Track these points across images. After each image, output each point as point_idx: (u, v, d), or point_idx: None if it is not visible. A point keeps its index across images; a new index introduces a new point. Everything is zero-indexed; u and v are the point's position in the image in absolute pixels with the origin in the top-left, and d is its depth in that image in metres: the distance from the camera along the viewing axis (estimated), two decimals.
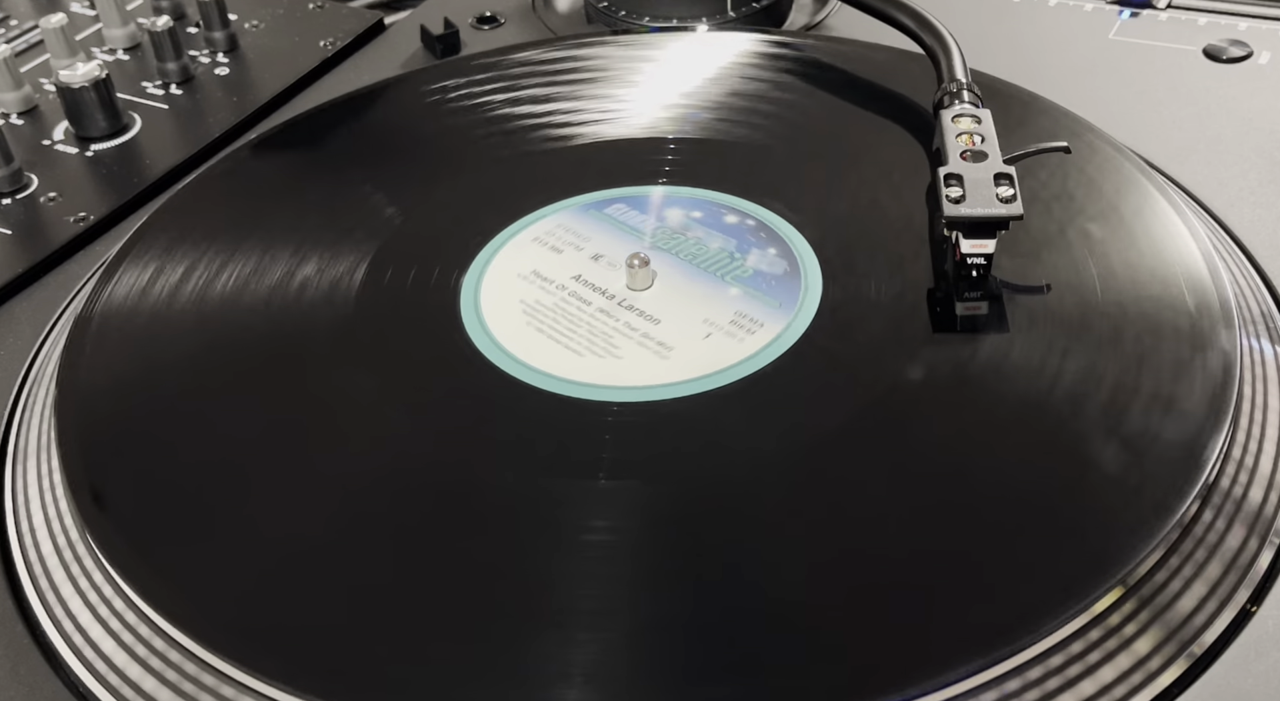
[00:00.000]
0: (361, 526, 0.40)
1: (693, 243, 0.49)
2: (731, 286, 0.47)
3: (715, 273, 0.47)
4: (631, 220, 0.50)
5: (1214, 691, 0.36)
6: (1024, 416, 0.41)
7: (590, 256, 0.49)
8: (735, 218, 0.50)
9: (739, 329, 0.45)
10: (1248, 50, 0.62)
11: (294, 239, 0.51)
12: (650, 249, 0.49)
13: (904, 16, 0.57)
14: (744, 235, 0.49)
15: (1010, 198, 0.45)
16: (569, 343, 0.45)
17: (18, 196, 0.59)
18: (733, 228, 0.50)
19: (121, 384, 0.46)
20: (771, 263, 0.47)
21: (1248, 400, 0.42)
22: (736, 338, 0.45)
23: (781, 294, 0.46)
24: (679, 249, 0.49)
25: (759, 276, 0.47)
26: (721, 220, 0.50)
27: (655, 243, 0.49)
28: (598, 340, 0.45)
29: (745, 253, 0.48)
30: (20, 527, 0.44)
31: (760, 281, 0.47)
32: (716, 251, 0.48)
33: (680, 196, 0.52)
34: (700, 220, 0.50)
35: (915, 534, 0.38)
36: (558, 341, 0.45)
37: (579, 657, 0.36)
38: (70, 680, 0.39)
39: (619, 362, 0.44)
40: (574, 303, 0.47)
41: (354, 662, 0.36)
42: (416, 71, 0.65)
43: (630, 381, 0.43)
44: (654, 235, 0.50)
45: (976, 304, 0.45)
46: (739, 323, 0.45)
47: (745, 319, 0.45)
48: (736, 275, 0.47)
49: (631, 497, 0.40)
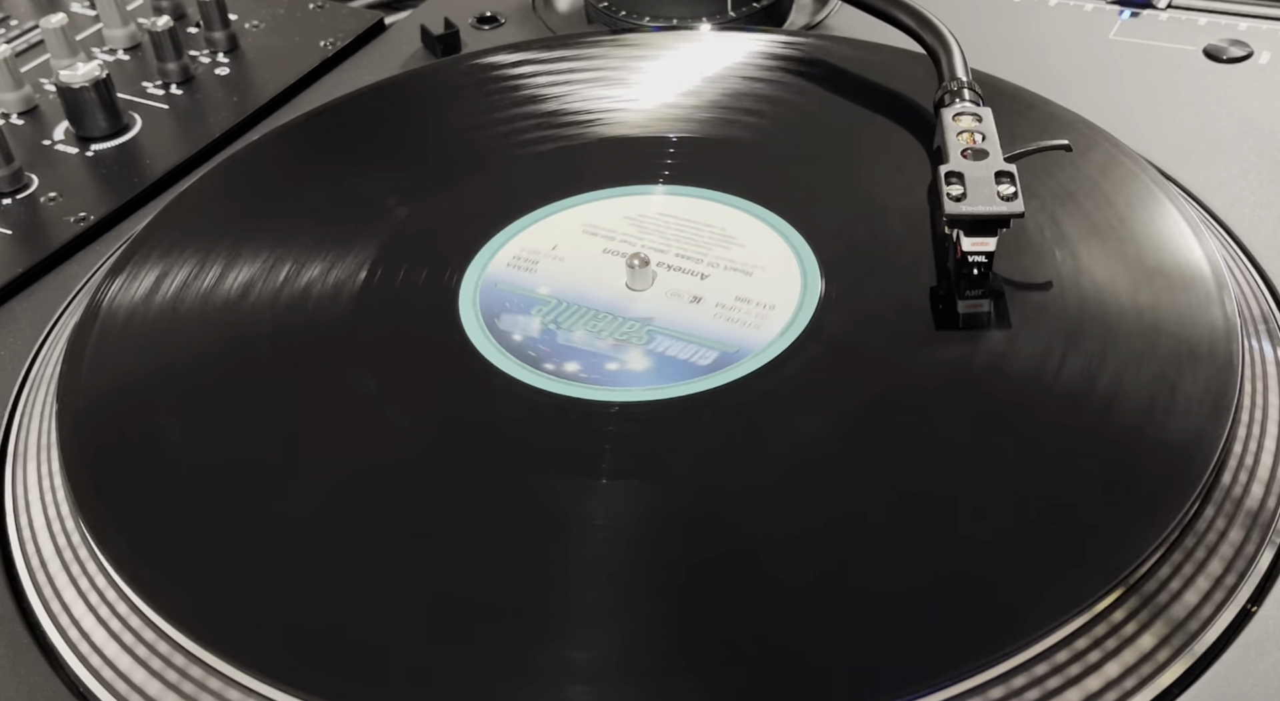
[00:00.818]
0: (361, 526, 0.40)
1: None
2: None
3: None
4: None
5: (1214, 691, 0.36)
6: (1025, 415, 0.41)
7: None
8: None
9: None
10: (1248, 50, 0.62)
11: (294, 239, 0.51)
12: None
13: (905, 16, 0.57)
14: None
15: (1011, 195, 0.45)
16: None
17: (18, 196, 0.59)
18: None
19: (122, 384, 0.46)
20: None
21: (1248, 400, 0.42)
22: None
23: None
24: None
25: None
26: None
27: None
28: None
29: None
30: (20, 527, 0.44)
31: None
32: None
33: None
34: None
35: (916, 533, 0.38)
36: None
37: (579, 657, 0.36)
38: (70, 680, 0.39)
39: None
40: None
41: (354, 662, 0.36)
42: (416, 71, 0.65)
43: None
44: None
45: (978, 302, 0.45)
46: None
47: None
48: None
49: (632, 497, 0.40)
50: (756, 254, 0.48)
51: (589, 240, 0.50)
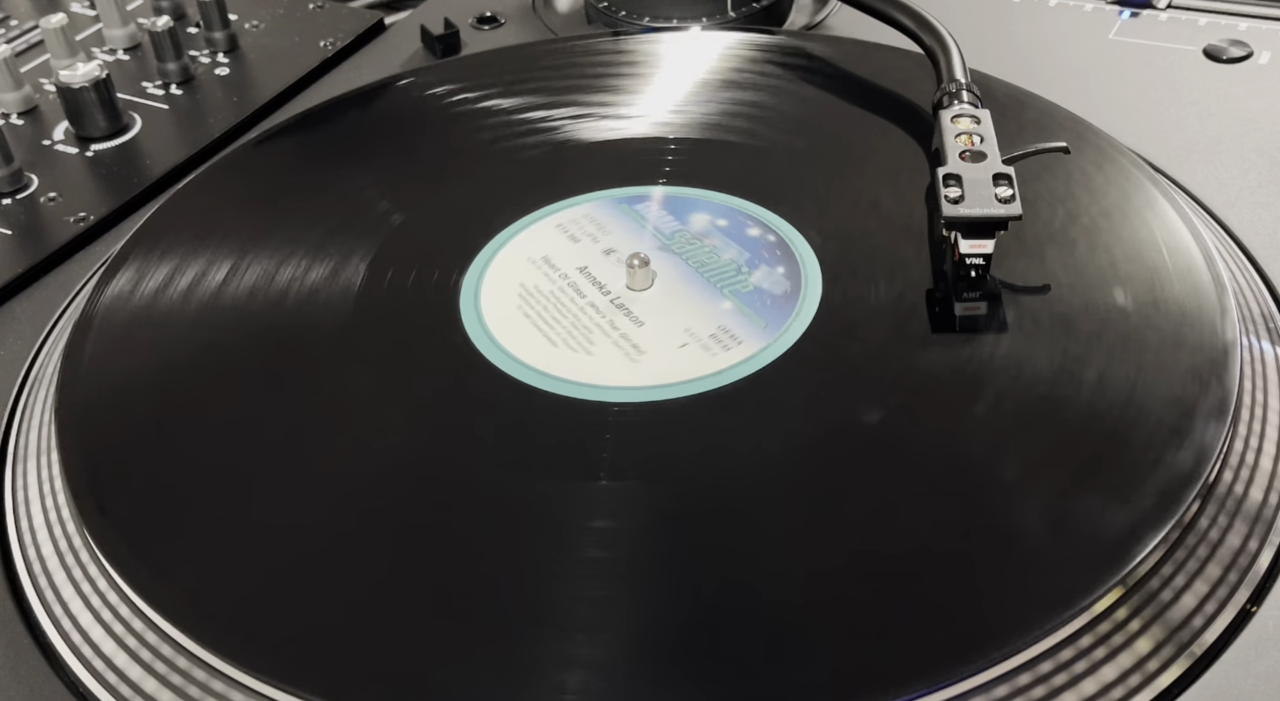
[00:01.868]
0: (361, 526, 0.40)
1: (707, 250, 0.49)
2: (726, 300, 0.47)
3: (715, 283, 0.47)
4: (657, 220, 0.50)
5: (1214, 691, 0.36)
6: (1023, 416, 0.41)
7: (603, 250, 0.49)
8: (758, 231, 0.50)
9: (716, 343, 0.45)
10: (1248, 50, 0.62)
11: (294, 239, 0.51)
12: (662, 250, 0.49)
13: (903, 16, 0.57)
14: (758, 250, 0.49)
15: (1009, 198, 0.45)
16: (548, 331, 0.46)
17: (18, 196, 0.59)
18: (751, 241, 0.49)
19: (122, 384, 0.46)
20: (775, 281, 0.47)
21: (1248, 400, 0.42)
22: (710, 352, 0.44)
23: (773, 315, 0.46)
24: (690, 254, 0.49)
25: (757, 293, 0.47)
26: (743, 232, 0.50)
27: (670, 244, 0.49)
28: (577, 333, 0.45)
29: (754, 267, 0.48)
30: (20, 527, 0.44)
31: (756, 299, 0.46)
32: (726, 263, 0.48)
33: (711, 202, 0.51)
34: (723, 229, 0.50)
35: (915, 533, 0.38)
36: (538, 328, 0.46)
37: (578, 657, 0.36)
38: (70, 680, 0.39)
39: (589, 359, 0.44)
40: (569, 293, 0.47)
41: (354, 662, 0.36)
42: (416, 71, 0.65)
43: (593, 380, 0.44)
44: (673, 237, 0.50)
45: (975, 304, 0.45)
46: (718, 337, 0.45)
47: (726, 334, 0.45)
48: (735, 289, 0.47)
49: (632, 497, 0.40)
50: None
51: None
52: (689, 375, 0.44)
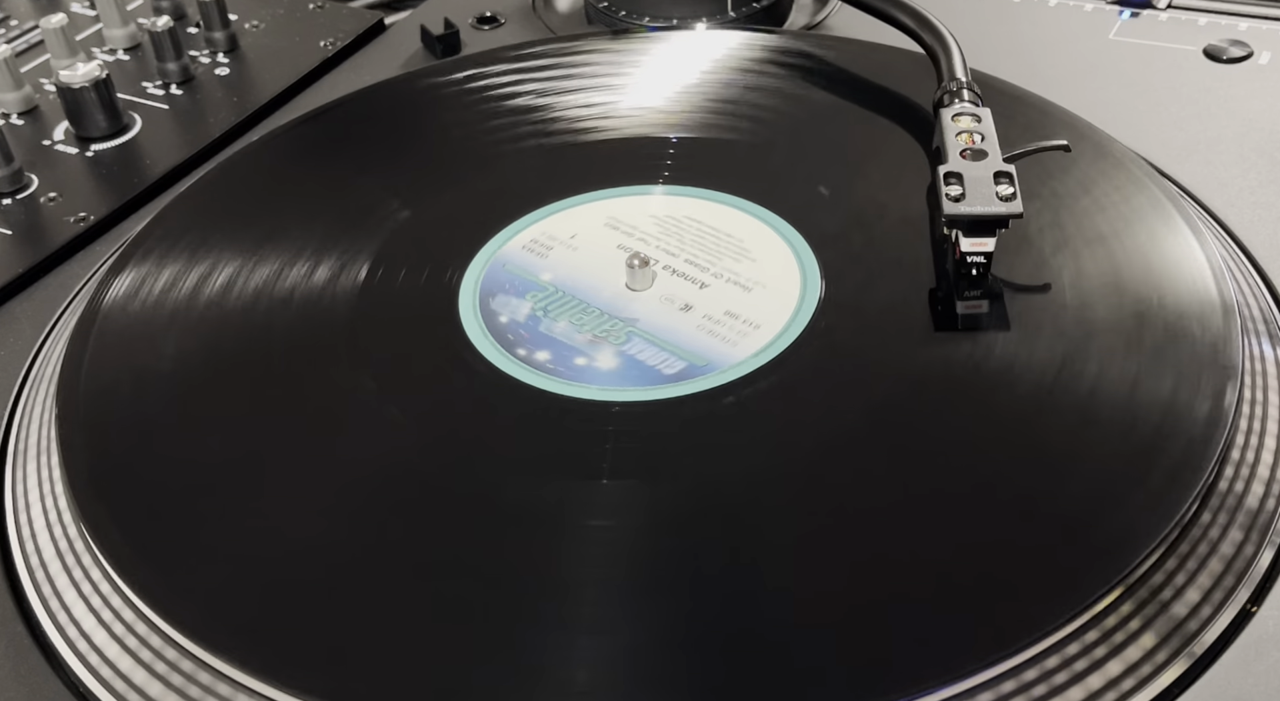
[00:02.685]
0: (362, 526, 0.40)
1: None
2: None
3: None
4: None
5: (1214, 691, 0.36)
6: (1024, 415, 0.41)
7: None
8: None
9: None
10: (1248, 50, 0.62)
11: (294, 239, 0.51)
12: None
13: (904, 16, 0.57)
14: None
15: (1010, 196, 0.45)
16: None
17: (18, 196, 0.59)
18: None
19: (122, 384, 0.46)
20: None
21: (1248, 400, 0.42)
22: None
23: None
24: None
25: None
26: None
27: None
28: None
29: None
30: (20, 527, 0.44)
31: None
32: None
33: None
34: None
35: (915, 533, 0.38)
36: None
37: (579, 657, 0.36)
38: (70, 680, 0.39)
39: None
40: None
41: (354, 662, 0.36)
42: (416, 71, 0.65)
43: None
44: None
45: (977, 302, 0.45)
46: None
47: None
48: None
49: (632, 497, 0.40)
50: (764, 271, 0.48)
51: (608, 234, 0.50)
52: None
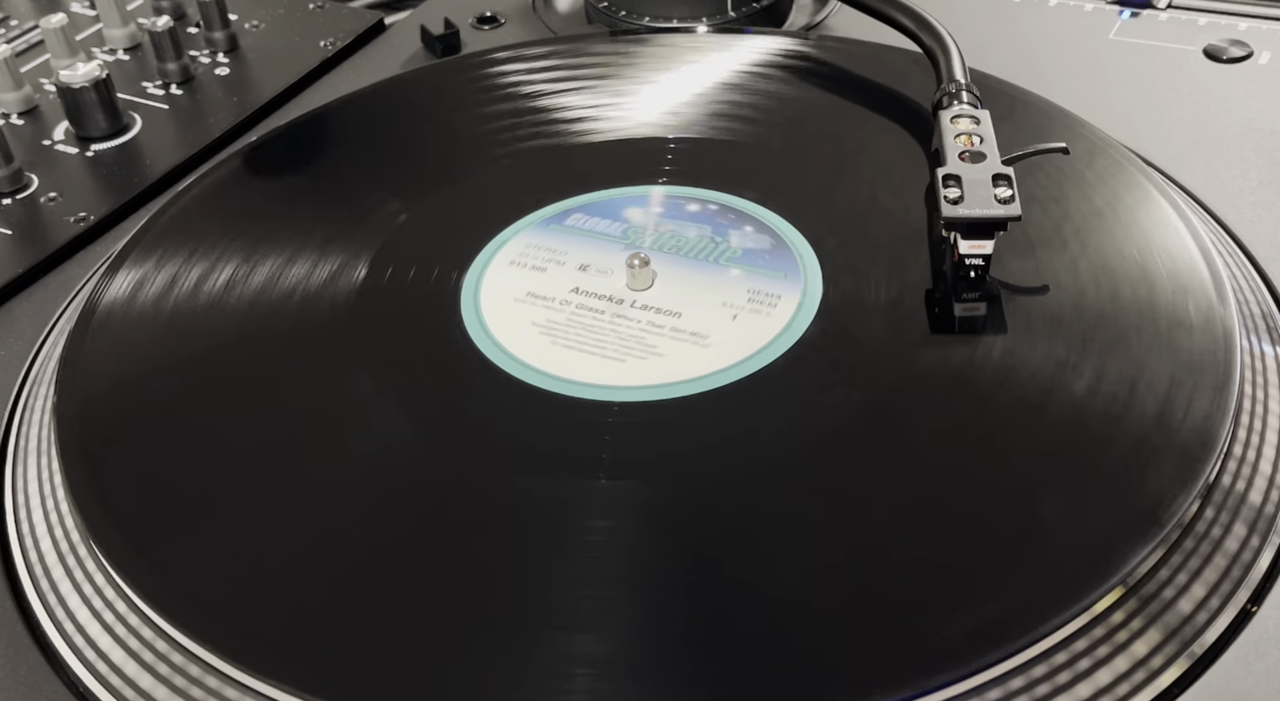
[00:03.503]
0: (362, 526, 0.40)
1: (670, 236, 0.49)
2: (730, 268, 0.47)
3: (708, 259, 0.47)
4: (596, 227, 0.50)
5: (1214, 691, 0.36)
6: (1023, 416, 0.41)
7: (577, 267, 0.49)
8: (697, 205, 0.50)
9: (760, 304, 0.45)
10: (1248, 50, 0.62)
11: (294, 239, 0.51)
12: (629, 251, 0.48)
13: (903, 17, 0.57)
14: (714, 219, 0.49)
15: (1008, 198, 0.45)
16: (603, 352, 0.45)
17: (18, 196, 0.59)
18: (700, 215, 0.49)
19: (122, 384, 0.46)
20: (755, 239, 0.47)
21: (1248, 400, 0.42)
22: (762, 313, 0.45)
23: (781, 265, 0.47)
24: (659, 244, 0.49)
25: (750, 254, 0.47)
26: (685, 210, 0.50)
27: (632, 243, 0.49)
28: (631, 344, 0.45)
29: (724, 235, 0.48)
30: (20, 527, 0.44)
31: (754, 258, 0.47)
32: (697, 239, 0.48)
33: (636, 195, 0.51)
34: (665, 214, 0.50)
35: (915, 534, 0.38)
36: (592, 354, 0.44)
37: (579, 657, 0.36)
38: (70, 680, 0.39)
39: (663, 360, 0.44)
40: (586, 314, 0.46)
41: (354, 662, 0.36)
42: (416, 71, 0.65)
43: (680, 375, 0.43)
44: (627, 236, 0.49)
45: (975, 305, 0.45)
46: (757, 299, 0.45)
47: (761, 293, 0.45)
48: (729, 257, 0.47)
49: (632, 497, 0.40)
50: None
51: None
52: (762, 340, 0.44)
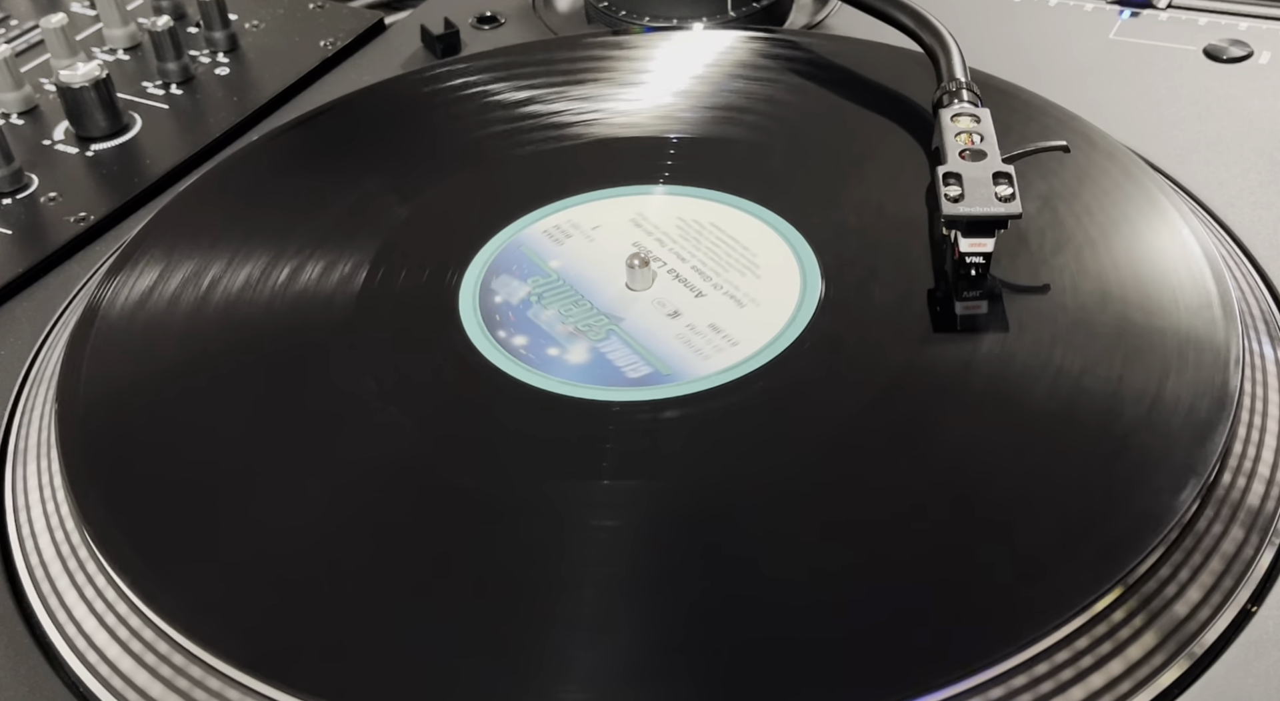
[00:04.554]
0: (362, 527, 0.40)
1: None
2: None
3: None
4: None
5: (1214, 691, 0.36)
6: (1023, 416, 0.41)
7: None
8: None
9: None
10: (1248, 50, 0.62)
11: (294, 239, 0.51)
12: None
13: (904, 16, 0.57)
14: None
15: (1009, 196, 0.45)
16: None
17: (18, 196, 0.59)
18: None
19: (122, 384, 0.46)
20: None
21: (1248, 400, 0.42)
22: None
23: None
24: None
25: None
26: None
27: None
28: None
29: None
30: (20, 527, 0.44)
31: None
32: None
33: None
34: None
35: (916, 533, 0.38)
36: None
37: (580, 657, 0.36)
38: (70, 680, 0.39)
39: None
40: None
41: (354, 663, 0.36)
42: (416, 71, 0.65)
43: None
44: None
45: (976, 303, 0.45)
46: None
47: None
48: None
49: (632, 497, 0.40)
50: (766, 289, 0.47)
51: (630, 231, 0.50)
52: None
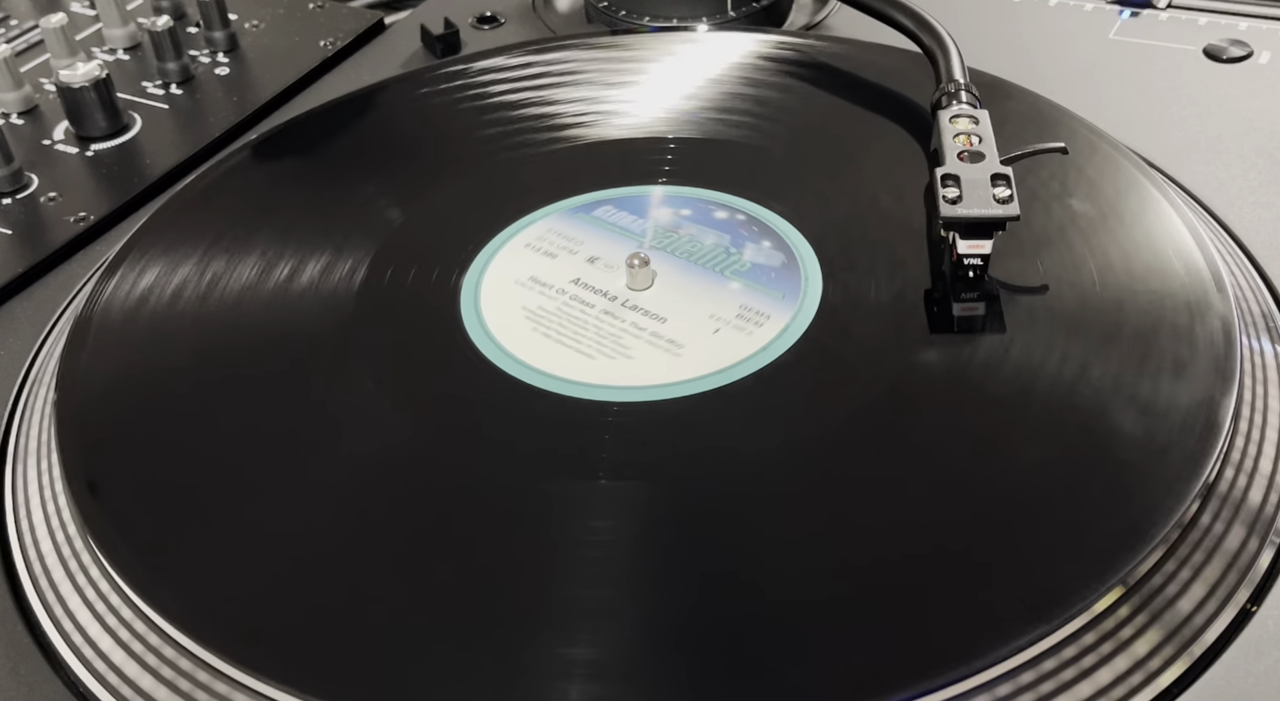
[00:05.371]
0: (361, 526, 0.40)
1: (686, 240, 0.49)
2: (732, 281, 0.47)
3: (714, 268, 0.47)
4: (621, 221, 0.50)
5: (1214, 691, 0.36)
6: (1023, 417, 0.41)
7: (586, 259, 0.49)
8: (725, 213, 0.50)
9: (746, 322, 0.45)
10: (1248, 50, 0.62)
11: (294, 239, 0.51)
12: (645, 249, 0.49)
13: (903, 17, 0.57)
14: (736, 229, 0.49)
15: (1007, 198, 0.45)
16: (578, 346, 0.45)
17: (18, 196, 0.59)
18: (724, 223, 0.50)
19: (121, 384, 0.46)
20: (768, 255, 0.47)
21: (1248, 400, 0.42)
22: (745, 331, 0.45)
23: (783, 285, 0.46)
24: (674, 247, 0.49)
25: (758, 269, 0.47)
26: (711, 216, 0.50)
27: (649, 243, 0.49)
28: (606, 342, 0.45)
29: (740, 247, 0.48)
30: (20, 527, 0.44)
31: (760, 274, 0.47)
32: (711, 247, 0.48)
33: (668, 195, 0.52)
34: (690, 217, 0.50)
35: (915, 533, 0.38)
36: (566, 346, 0.45)
37: (579, 658, 0.36)
38: (70, 680, 0.39)
39: (631, 363, 0.44)
40: (576, 306, 0.47)
41: (353, 662, 0.36)
42: (416, 71, 0.65)
43: (644, 380, 0.43)
44: (647, 235, 0.50)
45: (974, 304, 0.45)
46: (745, 316, 0.45)
47: (751, 312, 0.45)
48: (735, 269, 0.47)
49: (632, 497, 0.40)
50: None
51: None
52: (735, 358, 0.44)
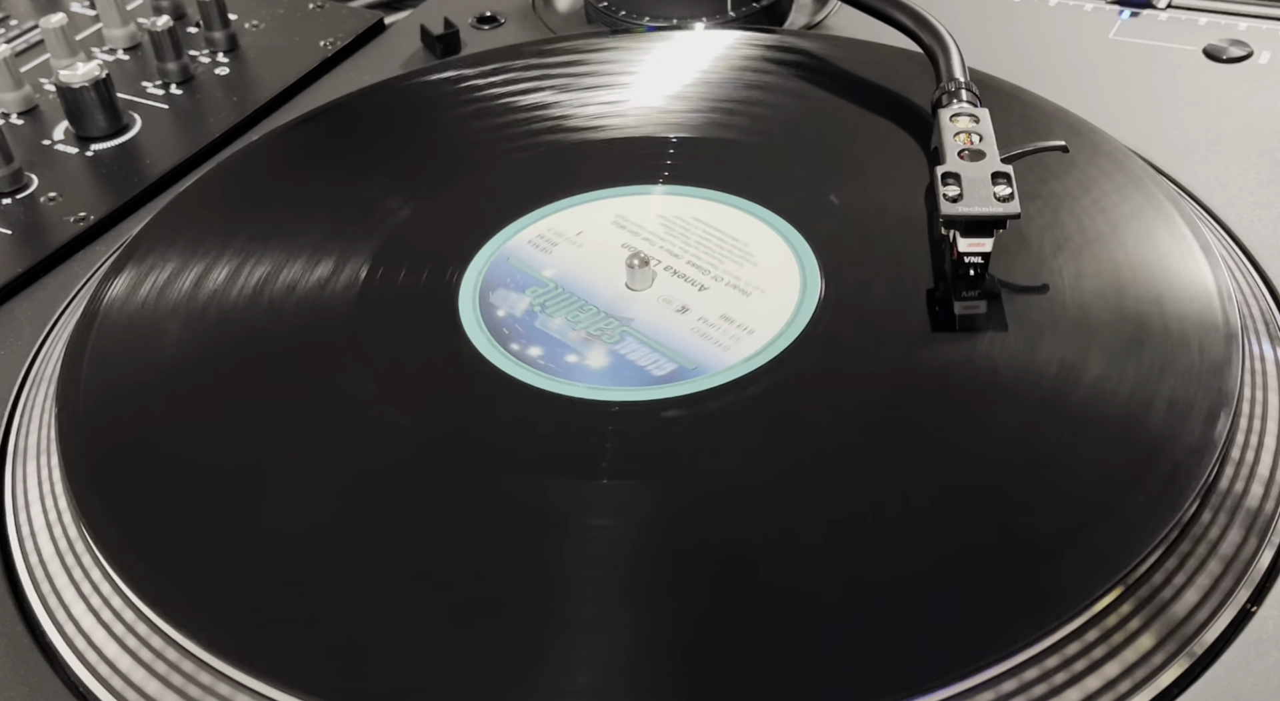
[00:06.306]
0: (362, 526, 0.40)
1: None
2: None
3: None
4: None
5: (1214, 691, 0.36)
6: (1022, 416, 0.41)
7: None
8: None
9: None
10: (1248, 50, 0.62)
11: (294, 239, 0.51)
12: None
13: (903, 16, 0.57)
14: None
15: (1007, 196, 0.45)
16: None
17: (18, 196, 0.59)
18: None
19: (122, 384, 0.46)
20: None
21: (1248, 400, 0.42)
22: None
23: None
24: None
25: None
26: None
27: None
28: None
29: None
30: (20, 527, 0.44)
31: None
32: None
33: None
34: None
35: (915, 534, 0.38)
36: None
37: (580, 658, 0.36)
38: (70, 680, 0.39)
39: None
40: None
41: (353, 662, 0.36)
42: (416, 71, 0.65)
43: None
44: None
45: (974, 303, 0.45)
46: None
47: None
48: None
49: (632, 497, 0.40)
50: (765, 276, 0.47)
51: (614, 232, 0.50)
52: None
